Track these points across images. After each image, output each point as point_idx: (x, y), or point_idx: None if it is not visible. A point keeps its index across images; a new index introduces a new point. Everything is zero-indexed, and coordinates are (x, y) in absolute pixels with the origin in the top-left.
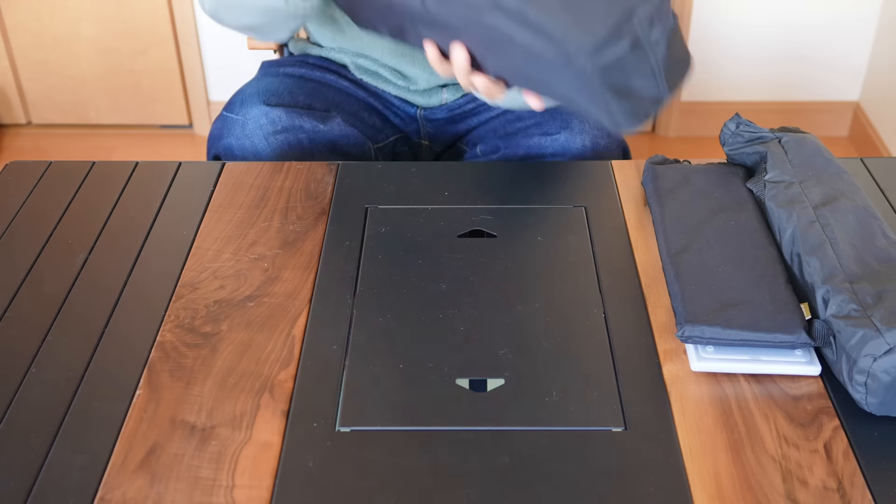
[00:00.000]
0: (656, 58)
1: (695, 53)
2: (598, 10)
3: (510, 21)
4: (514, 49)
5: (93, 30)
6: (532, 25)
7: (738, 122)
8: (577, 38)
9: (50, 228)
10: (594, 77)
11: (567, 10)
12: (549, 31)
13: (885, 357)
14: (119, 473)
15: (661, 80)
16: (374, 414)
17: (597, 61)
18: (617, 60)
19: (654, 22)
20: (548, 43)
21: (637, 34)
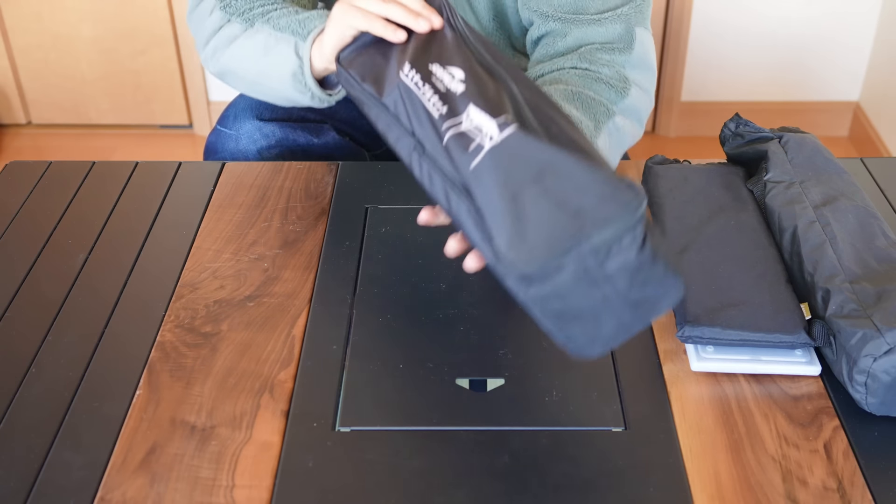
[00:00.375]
0: (615, 289)
1: (695, 53)
2: (541, 233)
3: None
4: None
5: (93, 30)
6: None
7: (738, 122)
8: (508, 260)
9: (50, 228)
10: (524, 295)
11: (517, 223)
12: (492, 238)
13: (885, 357)
14: (119, 473)
15: (624, 311)
16: (374, 414)
17: (527, 289)
18: (555, 291)
19: (612, 252)
20: (491, 251)
21: (587, 265)
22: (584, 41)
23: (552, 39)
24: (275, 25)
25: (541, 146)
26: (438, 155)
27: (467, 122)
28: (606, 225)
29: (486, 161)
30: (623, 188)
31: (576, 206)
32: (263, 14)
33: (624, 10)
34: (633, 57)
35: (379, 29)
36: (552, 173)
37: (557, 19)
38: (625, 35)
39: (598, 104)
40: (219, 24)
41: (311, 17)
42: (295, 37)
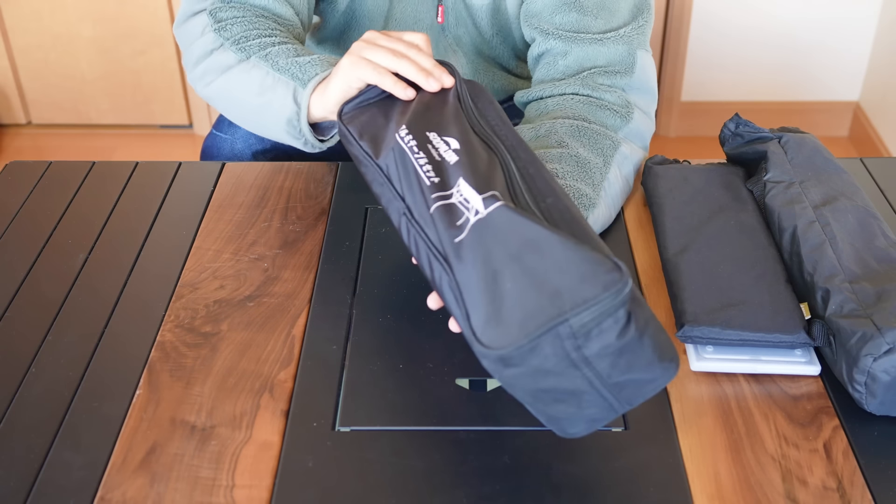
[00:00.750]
0: (595, 375)
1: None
2: (517, 314)
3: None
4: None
5: (93, 30)
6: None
7: (737, 122)
8: (483, 342)
9: (50, 228)
10: (501, 377)
11: (495, 303)
12: (468, 318)
13: (884, 357)
14: (119, 473)
15: (608, 397)
16: (374, 414)
17: (503, 370)
18: (528, 372)
19: (591, 336)
20: (467, 331)
21: (565, 348)
22: (586, 62)
23: (553, 58)
24: (273, 65)
25: (524, 223)
26: (425, 223)
27: (457, 195)
28: (585, 307)
29: (470, 236)
30: (607, 269)
31: (555, 286)
32: (261, 48)
33: (625, 31)
34: (635, 80)
35: (388, 84)
36: (534, 251)
37: (559, 37)
38: (626, 57)
39: (604, 137)
40: (211, 47)
41: (312, 62)
42: (295, 81)
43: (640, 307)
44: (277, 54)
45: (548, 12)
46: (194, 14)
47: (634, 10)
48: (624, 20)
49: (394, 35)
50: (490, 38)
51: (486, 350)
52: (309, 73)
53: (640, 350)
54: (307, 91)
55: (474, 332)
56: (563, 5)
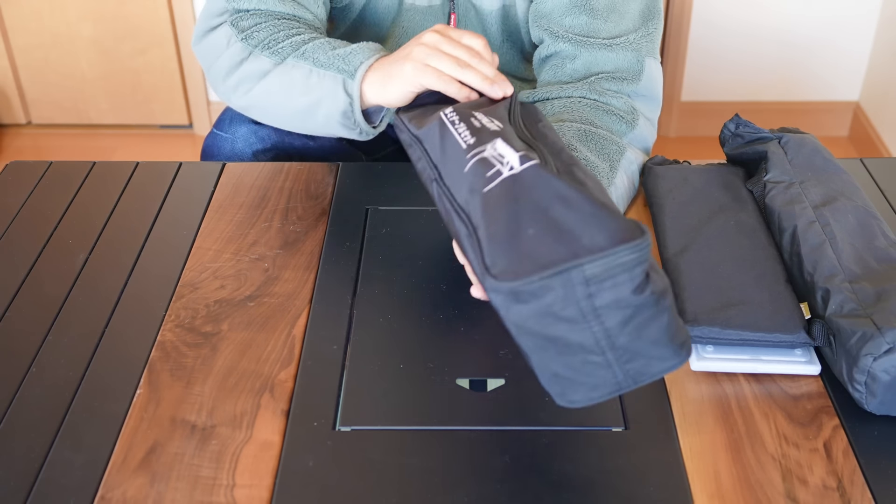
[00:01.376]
0: (601, 330)
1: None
2: (535, 253)
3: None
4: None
5: (93, 29)
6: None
7: (737, 123)
8: (493, 273)
9: (50, 228)
10: (512, 324)
11: (513, 244)
12: (483, 255)
13: (884, 356)
14: (119, 472)
15: (612, 364)
16: (374, 414)
17: (511, 306)
18: (536, 313)
19: (605, 287)
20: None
21: (575, 294)
22: (594, 67)
23: (561, 61)
24: (315, 62)
25: (557, 181)
26: (455, 182)
27: (490, 150)
28: (601, 256)
29: (499, 188)
30: (629, 227)
31: (576, 234)
32: (294, 48)
33: (634, 37)
34: (641, 87)
35: (453, 91)
36: (561, 204)
37: (568, 40)
38: (634, 64)
39: (610, 142)
40: (240, 56)
41: (354, 51)
42: (342, 74)
43: (659, 277)
44: (315, 51)
45: (557, 14)
46: (213, 28)
47: (644, 16)
48: (633, 24)
49: (455, 38)
50: (500, 45)
51: (497, 283)
52: (354, 63)
53: (654, 318)
54: (356, 82)
55: (487, 268)
56: (573, 7)
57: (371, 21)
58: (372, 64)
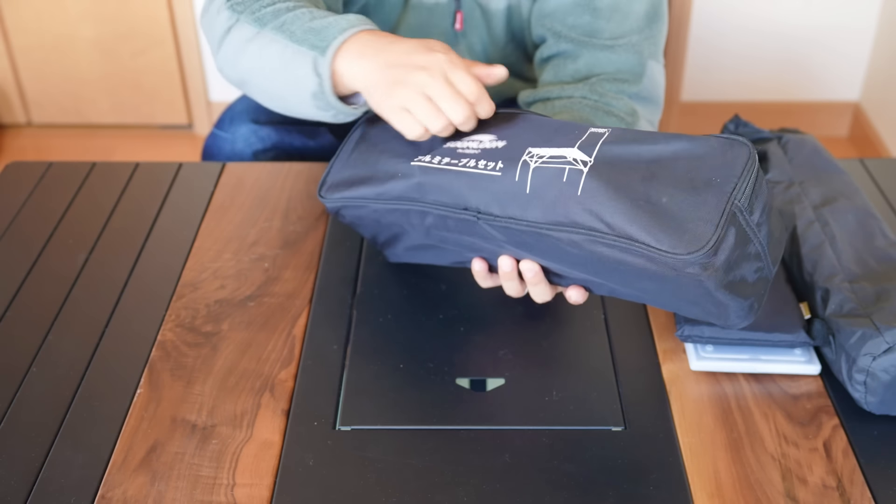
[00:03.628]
0: (760, 241)
1: (695, 53)
2: (700, 213)
3: (612, 249)
4: (611, 267)
5: (93, 30)
6: (635, 246)
7: (737, 123)
8: (683, 252)
9: (50, 229)
10: (708, 284)
11: (664, 219)
12: (654, 248)
13: (884, 356)
14: (120, 472)
15: (767, 260)
16: (374, 413)
17: (706, 264)
18: (726, 259)
19: (754, 203)
20: (653, 260)
21: (740, 223)
22: (595, 68)
23: (563, 61)
24: (290, 35)
25: (634, 147)
26: (519, 207)
27: (536, 161)
28: (743, 177)
29: (590, 183)
30: (728, 141)
31: (704, 178)
32: (275, 15)
33: (637, 38)
34: (641, 90)
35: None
36: (660, 165)
37: (571, 40)
38: (636, 66)
39: None
40: (228, 24)
41: (329, 25)
42: (314, 51)
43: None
44: (293, 21)
45: (561, 13)
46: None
47: (648, 17)
48: (637, 25)
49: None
50: (504, 45)
51: (691, 256)
52: (326, 38)
53: (774, 206)
54: (327, 59)
55: (667, 250)
56: (576, 7)
57: (376, 18)
58: (347, 38)
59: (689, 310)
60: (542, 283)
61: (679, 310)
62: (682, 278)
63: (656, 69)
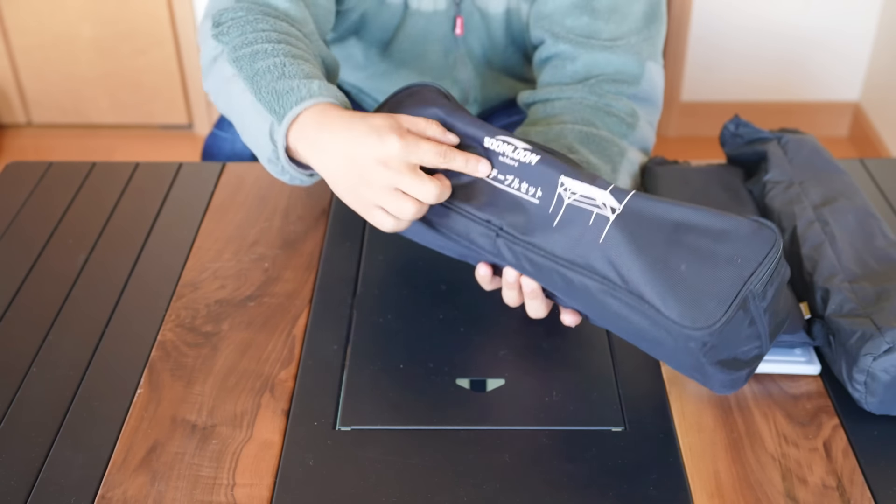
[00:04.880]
0: (764, 325)
1: (695, 53)
2: (714, 290)
3: (620, 303)
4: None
5: (93, 30)
6: (643, 307)
7: (737, 123)
8: (689, 326)
9: (50, 229)
10: (703, 359)
11: (678, 287)
12: (662, 313)
13: (884, 356)
14: (120, 472)
15: (765, 340)
16: (374, 413)
17: (707, 342)
18: (726, 337)
19: (768, 290)
20: (656, 324)
21: (750, 308)
22: (594, 69)
23: (562, 62)
24: (256, 91)
25: (664, 206)
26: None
27: (569, 195)
28: (763, 264)
29: (614, 233)
30: (757, 224)
31: (725, 255)
32: (252, 59)
33: (636, 39)
34: (640, 91)
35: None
36: (686, 230)
37: (569, 41)
38: (634, 67)
39: (611, 144)
40: (213, 54)
41: (291, 89)
42: (272, 116)
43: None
44: (263, 74)
45: (559, 15)
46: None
47: (647, 18)
48: (636, 26)
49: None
50: (504, 48)
51: (694, 332)
52: (285, 107)
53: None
54: (282, 129)
55: (674, 320)
56: (574, 8)
57: (375, 26)
58: (302, 112)
59: (676, 366)
60: (539, 299)
61: (667, 362)
62: (680, 347)
63: (655, 70)
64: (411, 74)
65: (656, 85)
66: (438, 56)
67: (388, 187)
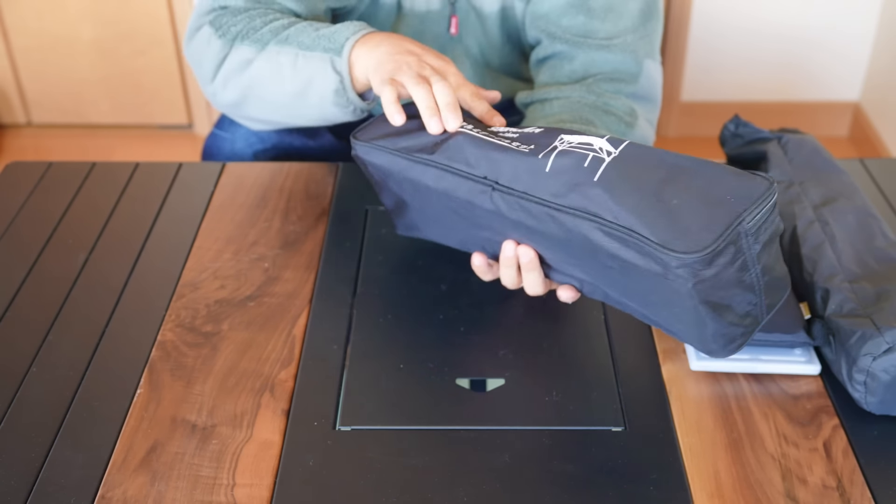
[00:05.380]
0: (757, 274)
1: (695, 53)
2: (705, 222)
3: (610, 239)
4: (603, 261)
5: (93, 30)
6: (632, 237)
7: (737, 123)
8: (678, 250)
9: (51, 228)
10: (692, 292)
11: (669, 218)
12: (650, 240)
13: (884, 356)
14: (120, 472)
15: (761, 300)
16: (374, 413)
17: (697, 271)
18: (717, 274)
19: (761, 233)
20: (648, 256)
21: (741, 247)
22: (592, 68)
23: (559, 62)
24: (299, 44)
25: (660, 152)
26: (534, 183)
27: (566, 145)
28: (757, 204)
29: (609, 172)
30: (752, 175)
31: (719, 195)
32: (274, 32)
33: (632, 37)
34: (638, 89)
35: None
36: (682, 172)
37: (566, 41)
38: (632, 66)
39: None
40: (222, 53)
41: (338, 30)
42: (328, 53)
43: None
44: (298, 34)
45: (555, 14)
46: (198, 29)
47: (643, 16)
48: (632, 24)
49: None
50: (501, 47)
51: (683, 256)
52: (338, 41)
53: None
54: (343, 59)
55: (663, 245)
56: (570, 8)
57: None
58: (358, 39)
59: (671, 323)
60: (537, 270)
61: (661, 323)
62: (668, 281)
63: (653, 68)
64: None
65: (654, 83)
66: None
67: (414, 67)
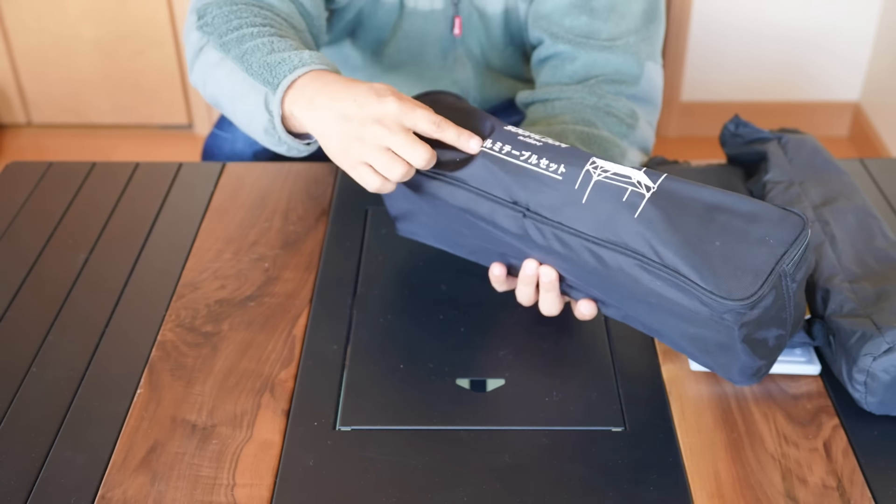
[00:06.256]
0: (790, 310)
1: (695, 53)
2: (749, 265)
3: (654, 278)
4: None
5: (93, 30)
6: (680, 280)
7: (737, 123)
8: (726, 296)
9: (51, 228)
10: (736, 334)
11: (714, 261)
12: (699, 285)
13: (884, 356)
14: (120, 472)
15: (788, 330)
16: (374, 413)
17: (743, 315)
18: (759, 316)
19: (797, 273)
20: (693, 297)
21: (782, 288)
22: (593, 69)
23: (560, 62)
24: (247, 67)
25: (696, 188)
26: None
27: (600, 173)
28: (794, 245)
29: (649, 210)
30: (786, 211)
31: (757, 234)
32: (239, 41)
33: (634, 39)
34: (639, 91)
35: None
36: (718, 210)
37: (568, 42)
38: (633, 68)
39: (612, 144)
40: (198, 45)
41: (283, 60)
42: (266, 87)
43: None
44: (252, 52)
45: (558, 15)
46: (191, 12)
47: (646, 17)
48: (635, 25)
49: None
50: (503, 48)
51: (731, 303)
52: (279, 75)
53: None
54: (277, 97)
55: (711, 291)
56: (573, 8)
57: (371, 24)
58: (297, 79)
59: (698, 355)
60: (555, 292)
61: (687, 350)
62: (712, 322)
63: (654, 70)
64: (410, 75)
65: (655, 85)
66: (437, 57)
67: (380, 146)
